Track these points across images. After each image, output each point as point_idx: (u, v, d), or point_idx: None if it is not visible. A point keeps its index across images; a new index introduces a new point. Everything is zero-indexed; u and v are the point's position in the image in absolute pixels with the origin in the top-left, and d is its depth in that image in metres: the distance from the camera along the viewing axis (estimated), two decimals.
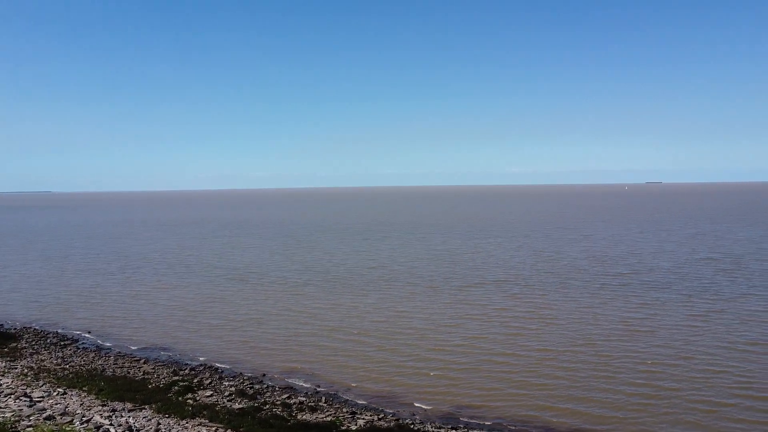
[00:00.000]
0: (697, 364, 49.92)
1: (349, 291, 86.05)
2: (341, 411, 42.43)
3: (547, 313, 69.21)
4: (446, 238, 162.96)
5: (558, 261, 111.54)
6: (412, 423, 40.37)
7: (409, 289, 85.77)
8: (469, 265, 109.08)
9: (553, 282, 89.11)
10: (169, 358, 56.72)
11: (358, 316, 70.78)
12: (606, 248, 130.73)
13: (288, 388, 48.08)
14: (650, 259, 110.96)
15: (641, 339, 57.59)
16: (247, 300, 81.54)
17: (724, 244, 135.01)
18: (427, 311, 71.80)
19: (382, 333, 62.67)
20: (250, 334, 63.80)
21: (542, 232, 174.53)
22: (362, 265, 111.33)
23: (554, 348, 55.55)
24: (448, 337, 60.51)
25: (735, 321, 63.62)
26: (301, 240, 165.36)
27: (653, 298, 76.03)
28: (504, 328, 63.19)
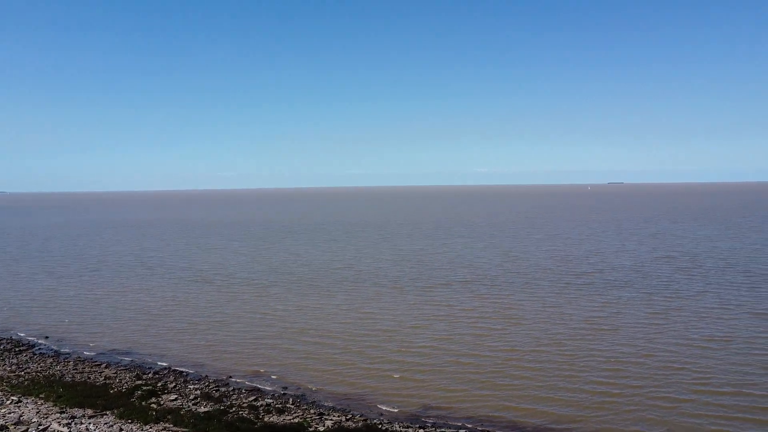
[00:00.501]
0: (657, 361, 51.03)
1: (315, 292, 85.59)
2: (309, 412, 42.14)
3: (513, 312, 69.94)
4: (413, 238, 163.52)
5: (524, 261, 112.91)
6: (380, 423, 40.32)
7: (376, 290, 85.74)
8: (435, 265, 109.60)
9: (519, 282, 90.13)
10: (132, 362, 55.50)
11: (325, 317, 70.43)
12: (570, 248, 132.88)
13: (255, 390, 47.55)
14: (612, 258, 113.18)
15: (605, 337, 58.64)
16: (212, 302, 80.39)
17: (682, 242, 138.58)
18: (394, 312, 71.84)
19: (349, 334, 62.47)
20: (216, 337, 62.90)
21: (508, 232, 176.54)
22: (328, 266, 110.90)
23: (520, 348, 56.13)
24: (414, 338, 60.63)
25: (693, 318, 65.29)
26: (267, 241, 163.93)
27: (616, 296, 77.54)
28: (470, 329, 63.60)
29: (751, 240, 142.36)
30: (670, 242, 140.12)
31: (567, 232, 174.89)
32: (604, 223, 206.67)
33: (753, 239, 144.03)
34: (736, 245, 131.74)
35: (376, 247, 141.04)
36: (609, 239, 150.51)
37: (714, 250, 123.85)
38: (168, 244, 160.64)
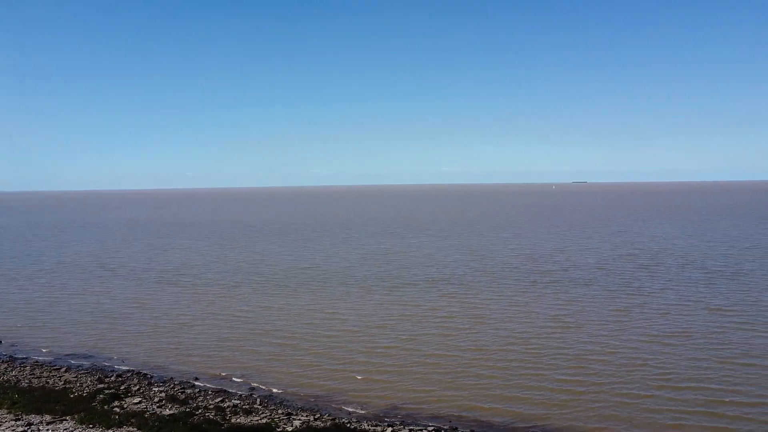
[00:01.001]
0: (621, 358, 51.98)
1: (281, 292, 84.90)
2: (276, 413, 41.78)
3: (480, 311, 70.48)
4: (380, 237, 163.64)
5: (490, 259, 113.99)
6: (349, 422, 40.20)
7: (343, 290, 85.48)
8: (402, 264, 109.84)
9: (485, 280, 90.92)
10: (93, 365, 54.14)
11: (291, 318, 69.91)
12: (536, 246, 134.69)
13: (221, 391, 46.90)
14: (577, 256, 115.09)
15: (570, 335, 59.51)
16: (176, 303, 79.01)
17: (643, 240, 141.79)
18: (361, 312, 71.69)
19: (316, 335, 62.11)
20: (181, 339, 61.83)
21: (475, 231, 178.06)
22: (295, 266, 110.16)
23: (487, 347, 56.53)
24: (381, 338, 60.60)
25: (654, 314, 66.78)
26: (233, 240, 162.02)
27: (580, 294, 78.83)
28: (437, 328, 63.86)
29: (708, 238, 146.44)
30: (632, 240, 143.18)
31: (532, 230, 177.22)
32: (568, 222, 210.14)
33: (709, 237, 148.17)
34: (694, 242, 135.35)
35: (344, 247, 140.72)
36: (573, 237, 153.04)
37: (674, 247, 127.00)
38: (130, 244, 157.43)
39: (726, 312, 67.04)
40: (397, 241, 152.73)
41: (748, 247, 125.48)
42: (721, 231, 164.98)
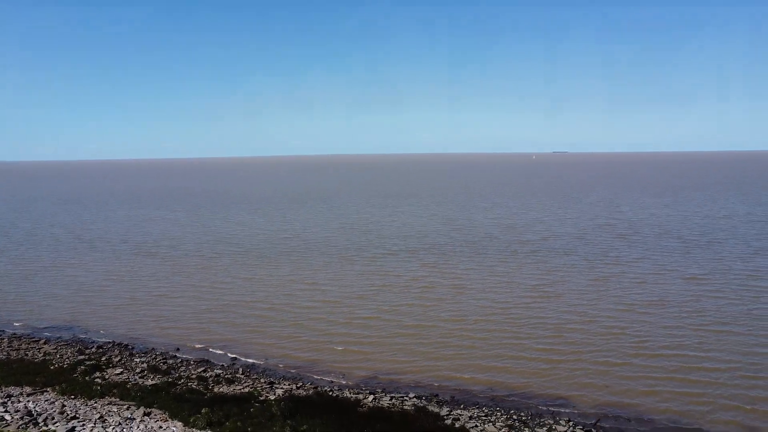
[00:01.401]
0: (598, 327, 52.79)
1: (262, 263, 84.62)
2: (259, 382, 41.98)
3: (460, 281, 70.98)
4: (360, 207, 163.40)
5: (471, 229, 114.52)
6: (331, 390, 40.54)
7: (323, 260, 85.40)
8: (383, 234, 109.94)
9: (466, 250, 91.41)
10: (74, 337, 53.74)
11: (272, 288, 69.82)
12: (516, 216, 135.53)
13: (203, 361, 46.91)
14: (556, 226, 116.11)
15: (550, 304, 60.24)
16: (156, 275, 78.40)
17: (622, 210, 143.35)
18: (341, 282, 71.79)
19: (297, 306, 62.17)
20: (162, 310, 61.49)
21: (455, 201, 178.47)
22: (276, 236, 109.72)
23: (467, 317, 57.05)
24: (362, 308, 60.85)
25: (632, 283, 67.84)
26: (212, 211, 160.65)
27: (560, 263, 79.68)
28: (418, 299, 64.26)
29: (684, 208, 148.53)
30: (611, 210, 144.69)
31: (512, 200, 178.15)
32: (548, 192, 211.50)
33: (685, 207, 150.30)
34: (671, 212, 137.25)
35: (324, 217, 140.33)
36: (553, 207, 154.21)
37: (651, 217, 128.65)
38: (106, 216, 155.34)
39: (700, 280, 68.34)
40: (377, 211, 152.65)
41: (722, 217, 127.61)
42: (697, 201, 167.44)
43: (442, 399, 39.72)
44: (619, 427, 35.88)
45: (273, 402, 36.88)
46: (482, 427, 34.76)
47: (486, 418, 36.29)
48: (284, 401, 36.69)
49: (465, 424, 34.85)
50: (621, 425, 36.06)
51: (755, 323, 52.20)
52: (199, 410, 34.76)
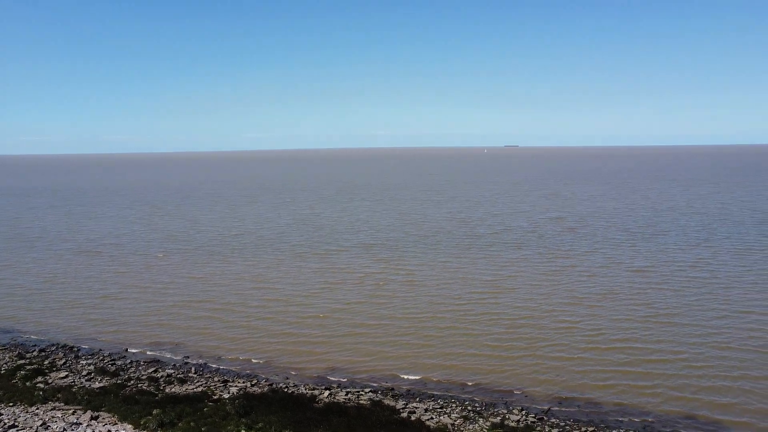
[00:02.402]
0: (552, 322, 53.51)
1: (213, 260, 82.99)
2: (212, 380, 41.13)
3: (415, 276, 71.17)
4: (313, 202, 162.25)
5: (424, 223, 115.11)
6: (286, 387, 40.05)
7: (276, 257, 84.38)
8: (336, 229, 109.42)
9: (420, 245, 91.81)
10: (13, 341, 51.35)
11: (226, 286, 68.56)
12: (469, 210, 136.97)
13: (154, 361, 45.64)
14: (510, 220, 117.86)
15: (504, 299, 60.88)
16: (102, 274, 75.89)
17: (572, 203, 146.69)
18: (295, 279, 71.02)
19: (251, 304, 61.21)
20: (109, 310, 59.52)
21: (408, 195, 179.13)
22: (227, 233, 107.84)
23: (422, 312, 57.16)
24: (317, 305, 60.35)
25: (584, 276, 69.34)
26: (161, 208, 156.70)
27: (513, 257, 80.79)
28: (373, 295, 64.16)
29: (630, 200, 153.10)
30: (562, 203, 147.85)
31: (465, 194, 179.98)
32: (501, 185, 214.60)
33: (631, 199, 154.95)
34: (617, 205, 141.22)
35: (277, 212, 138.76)
36: (505, 201, 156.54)
37: (599, 210, 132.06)
38: (48, 213, 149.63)
39: (647, 272, 70.36)
40: (329, 206, 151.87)
41: (666, 209, 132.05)
42: (641, 193, 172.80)
43: (397, 392, 39.72)
44: (570, 413, 36.65)
45: (227, 400, 36.15)
46: (438, 418, 34.91)
47: (441, 410, 36.48)
48: (238, 399, 36.02)
49: (421, 417, 34.93)
50: (572, 412, 36.83)
51: (699, 314, 53.86)
52: (150, 411, 33.79)
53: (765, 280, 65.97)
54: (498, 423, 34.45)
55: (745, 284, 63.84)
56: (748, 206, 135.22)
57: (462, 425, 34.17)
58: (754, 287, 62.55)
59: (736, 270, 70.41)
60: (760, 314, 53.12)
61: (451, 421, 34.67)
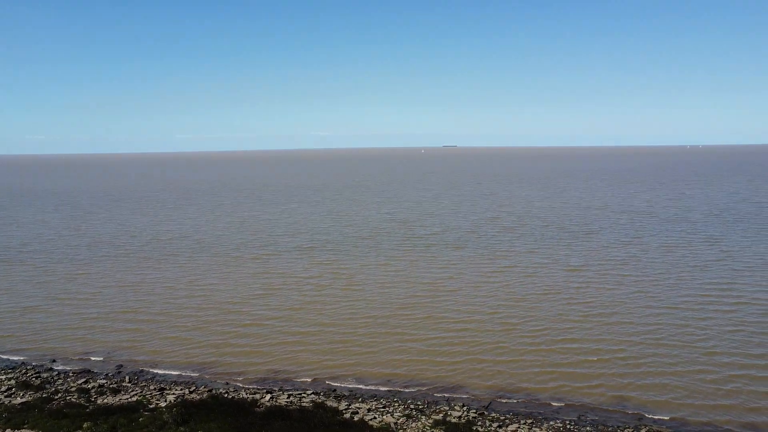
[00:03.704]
0: (494, 323, 54.28)
1: (149, 266, 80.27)
2: (148, 389, 39.65)
3: (356, 279, 70.88)
4: (251, 204, 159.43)
5: (364, 225, 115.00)
6: (226, 392, 39.04)
7: (213, 261, 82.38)
8: (275, 232, 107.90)
9: (361, 246, 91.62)
10: None
11: (161, 291, 66.42)
12: (409, 210, 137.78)
13: (84, 372, 43.58)
14: (449, 220, 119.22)
15: (446, 299, 61.33)
16: (25, 283, 72.03)
17: (509, 203, 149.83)
18: (234, 283, 69.54)
19: (188, 308, 59.52)
20: (32, 323, 56.39)
21: (347, 196, 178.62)
22: (160, 236, 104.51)
23: (363, 314, 57.00)
24: (257, 309, 59.30)
25: (523, 275, 70.72)
26: (89, 211, 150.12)
27: (454, 257, 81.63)
28: (313, 297, 63.56)
29: (564, 199, 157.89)
30: (500, 203, 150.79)
31: (404, 194, 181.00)
32: (439, 186, 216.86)
33: (565, 198, 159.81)
34: (553, 204, 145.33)
35: (213, 215, 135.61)
36: (444, 201, 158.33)
37: (535, 209, 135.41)
38: None
39: (582, 271, 72.39)
40: (266, 208, 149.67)
41: (598, 207, 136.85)
42: (573, 192, 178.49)
43: (340, 393, 39.41)
44: (509, 407, 37.40)
45: (164, 409, 34.87)
46: (381, 418, 34.80)
47: (384, 409, 36.43)
48: (176, 407, 34.77)
49: (364, 417, 34.74)
50: (512, 406, 37.56)
51: (635, 310, 55.70)
52: (80, 425, 32.19)
53: (688, 276, 69.28)
54: (440, 420, 34.65)
55: (672, 280, 66.75)
56: (672, 204, 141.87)
57: (405, 423, 34.19)
58: (679, 283, 65.45)
59: (663, 267, 73.54)
60: (686, 309, 55.49)
61: (394, 419, 34.63)
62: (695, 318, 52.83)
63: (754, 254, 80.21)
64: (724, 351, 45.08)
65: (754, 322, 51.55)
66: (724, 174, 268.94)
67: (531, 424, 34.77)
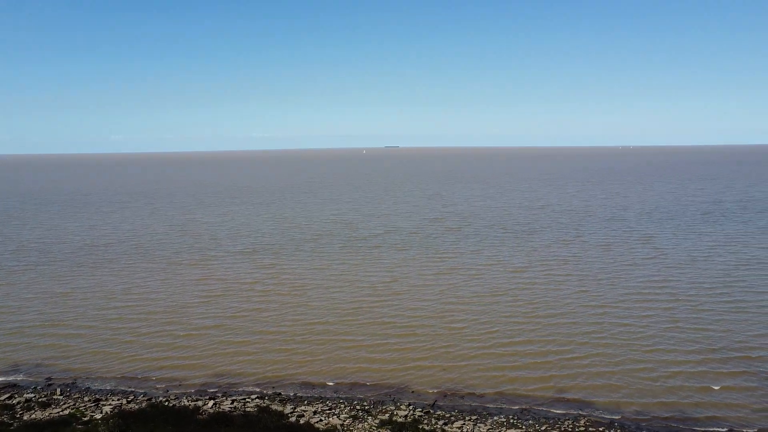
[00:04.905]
0: (442, 324, 54.59)
1: (82, 272, 77.07)
2: (82, 401, 37.88)
3: (300, 281, 70.01)
4: (189, 207, 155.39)
5: (308, 227, 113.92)
6: (167, 400, 37.76)
7: (153, 266, 79.90)
8: (215, 235, 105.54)
9: (305, 249, 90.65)
10: None
11: (95, 299, 63.86)
12: (352, 211, 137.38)
13: (8, 386, 41.26)
14: (393, 221, 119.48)
15: (393, 300, 61.35)
16: None
17: (453, 203, 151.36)
18: (173, 289, 67.57)
19: (125, 316, 57.42)
20: None
21: (289, 198, 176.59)
22: (94, 242, 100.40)
23: (308, 318, 56.33)
24: (199, 316, 57.85)
25: (468, 276, 71.52)
26: (12, 216, 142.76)
27: (400, 259, 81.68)
28: (257, 302, 62.49)
29: (506, 199, 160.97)
30: (444, 203, 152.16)
31: (347, 195, 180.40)
32: (382, 187, 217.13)
33: (507, 198, 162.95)
34: (495, 204, 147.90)
35: (150, 219, 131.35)
36: (388, 202, 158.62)
37: (478, 210, 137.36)
38: None
39: (526, 270, 73.72)
40: (207, 211, 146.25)
41: (540, 207, 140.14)
42: (517, 193, 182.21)
43: (285, 397, 38.77)
44: (455, 404, 37.71)
45: (99, 421, 33.39)
46: (327, 420, 34.41)
47: (330, 411, 36.04)
48: (113, 418, 33.38)
49: (309, 420, 34.27)
50: (456, 403, 37.86)
51: (579, 310, 56.82)
52: None
53: (627, 274, 71.70)
54: (386, 420, 34.52)
55: (612, 279, 68.77)
56: (609, 203, 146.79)
57: (351, 424, 33.90)
58: (619, 281, 67.53)
59: (603, 265, 75.79)
60: (626, 308, 57.02)
61: (340, 421, 34.29)
62: (635, 316, 54.31)
63: (683, 251, 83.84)
64: (663, 348, 46.53)
65: (687, 318, 53.68)
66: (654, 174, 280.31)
67: (476, 420, 35.13)
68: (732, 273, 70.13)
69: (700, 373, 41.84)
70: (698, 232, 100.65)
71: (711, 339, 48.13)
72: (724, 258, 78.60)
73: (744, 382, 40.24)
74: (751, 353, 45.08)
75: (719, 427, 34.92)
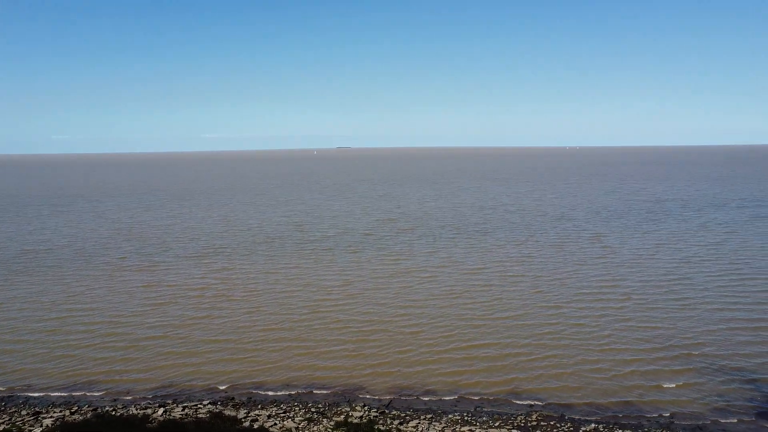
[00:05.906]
0: (397, 326, 54.50)
1: (20, 280, 73.92)
2: (20, 414, 36.20)
3: (252, 286, 68.79)
4: (135, 211, 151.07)
5: (259, 229, 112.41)
6: (114, 410, 36.44)
7: (98, 272, 77.25)
8: (163, 239, 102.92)
9: (257, 252, 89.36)
10: None
11: (35, 308, 61.30)
12: (304, 213, 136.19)
13: None
14: (345, 222, 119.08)
15: (347, 304, 60.88)
16: None
17: (405, 203, 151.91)
18: (117, 296, 65.16)
19: (69, 325, 55.28)
20: None
21: (238, 200, 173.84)
22: (34, 247, 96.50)
23: (263, 321, 55.63)
24: (145, 324, 56.12)
25: (422, 278, 71.63)
26: None
27: (352, 260, 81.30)
28: (207, 307, 61.24)
29: (458, 200, 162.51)
30: (395, 204, 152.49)
31: (298, 197, 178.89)
32: (333, 188, 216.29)
33: (459, 199, 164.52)
34: (446, 205, 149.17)
35: (94, 222, 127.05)
36: (339, 203, 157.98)
37: (431, 210, 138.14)
38: None
39: (481, 271, 74.25)
40: (154, 213, 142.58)
41: (491, 207, 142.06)
42: (467, 193, 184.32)
43: (238, 401, 38.01)
44: (409, 403, 37.78)
45: None
46: (281, 424, 33.89)
47: (285, 414, 35.54)
48: (55, 431, 31.97)
49: (264, 424, 33.68)
50: (411, 402, 37.93)
51: (535, 311, 57.38)
52: None
53: (580, 273, 73.28)
54: (342, 421, 34.23)
55: (565, 278, 70.07)
56: (557, 202, 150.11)
57: (306, 427, 33.47)
58: (572, 280, 68.88)
59: (556, 264, 77.21)
60: (580, 308, 58.00)
61: (295, 424, 33.81)
62: (589, 316, 55.37)
63: (629, 249, 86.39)
64: (616, 347, 47.58)
65: (639, 316, 55.14)
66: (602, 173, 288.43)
67: (431, 418, 35.21)
68: (676, 271, 72.58)
69: (652, 371, 43.04)
70: (643, 230, 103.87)
71: (662, 337, 49.60)
72: (668, 256, 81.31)
73: (692, 378, 41.64)
74: (695, 350, 46.72)
75: (667, 419, 36.01)
